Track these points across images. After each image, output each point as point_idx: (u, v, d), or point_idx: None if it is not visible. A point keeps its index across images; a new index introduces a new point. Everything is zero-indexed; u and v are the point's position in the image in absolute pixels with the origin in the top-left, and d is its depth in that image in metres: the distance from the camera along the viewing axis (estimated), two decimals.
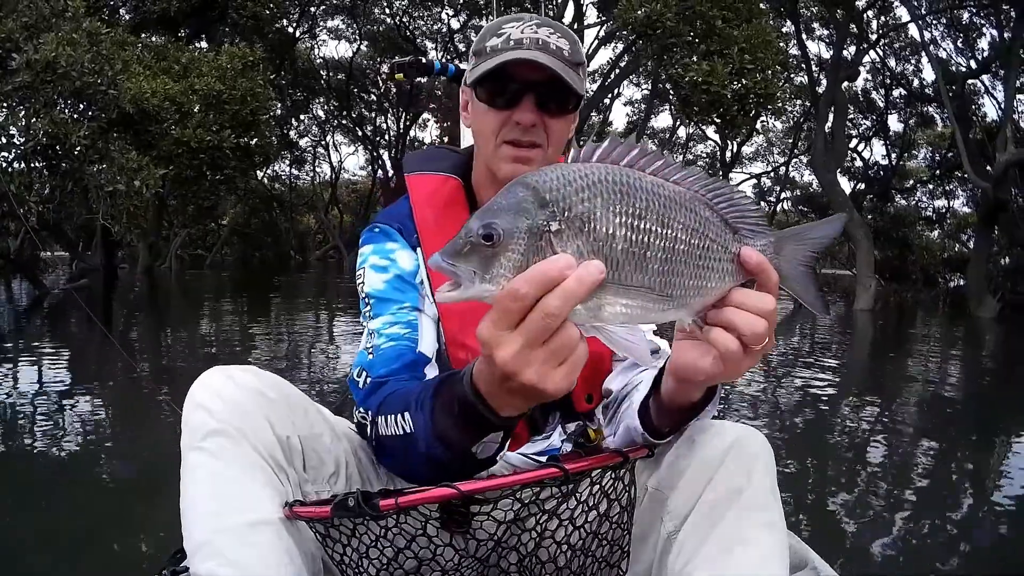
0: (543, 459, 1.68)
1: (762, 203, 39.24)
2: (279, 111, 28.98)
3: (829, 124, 26.07)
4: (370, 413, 1.53)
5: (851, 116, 34.54)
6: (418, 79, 3.10)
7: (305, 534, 1.42)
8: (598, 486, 1.49)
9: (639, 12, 16.74)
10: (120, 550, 3.95)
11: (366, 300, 1.77)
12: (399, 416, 1.43)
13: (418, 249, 1.81)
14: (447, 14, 35.92)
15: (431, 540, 1.40)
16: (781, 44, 21.27)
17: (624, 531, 1.55)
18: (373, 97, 40.51)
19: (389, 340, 1.67)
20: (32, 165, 12.13)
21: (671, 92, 21.51)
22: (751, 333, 1.18)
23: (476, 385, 1.22)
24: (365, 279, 1.79)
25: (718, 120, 18.58)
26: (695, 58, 17.16)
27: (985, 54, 28.00)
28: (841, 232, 1.27)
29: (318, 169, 46.73)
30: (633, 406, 1.58)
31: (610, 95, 36.55)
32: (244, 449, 1.37)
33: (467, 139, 3.00)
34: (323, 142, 44.17)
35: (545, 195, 1.04)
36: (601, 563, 1.56)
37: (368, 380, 1.62)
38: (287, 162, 41.28)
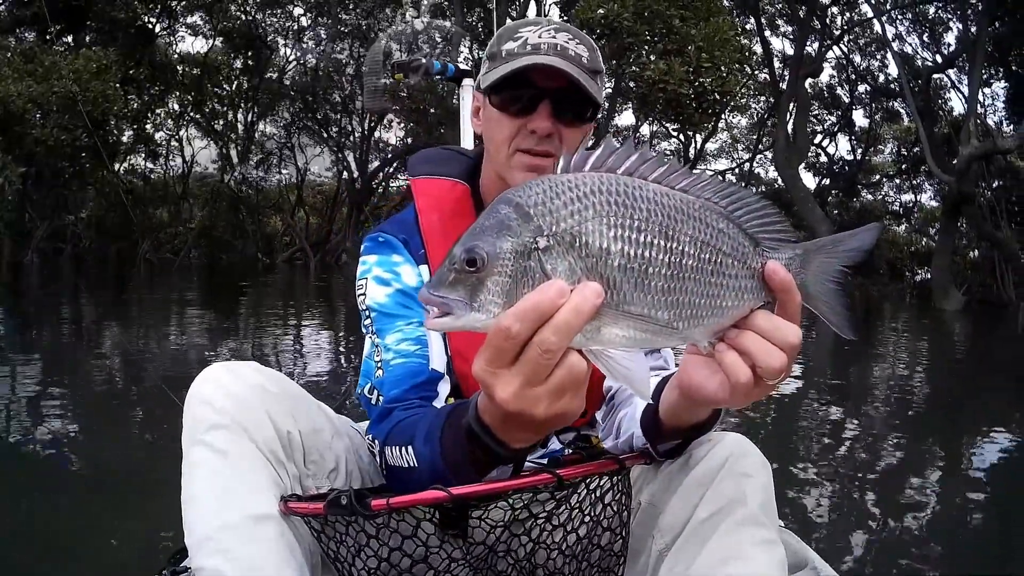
0: (543, 462, 1.65)
1: None
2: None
3: (791, 121, 26.28)
4: (378, 442, 1.52)
5: (815, 112, 34.82)
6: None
7: (305, 528, 1.41)
8: (595, 493, 1.46)
9: (598, 12, 16.90)
10: (118, 550, 3.91)
11: (367, 312, 1.72)
12: (404, 449, 1.42)
13: (423, 266, 1.74)
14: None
15: (426, 541, 1.39)
16: (744, 41, 21.43)
17: (619, 537, 1.53)
18: (338, 99, 40.33)
19: (399, 356, 1.63)
20: None
21: (633, 90, 21.62)
22: (766, 366, 1.06)
23: (483, 420, 1.19)
24: (367, 291, 1.73)
25: (677, 118, 18.66)
26: (653, 57, 17.32)
27: (951, 48, 28.35)
28: (875, 242, 1.16)
29: (284, 171, 46.31)
30: (634, 416, 1.53)
31: None
32: (245, 443, 1.36)
33: (467, 140, 2.99)
34: (288, 144, 43.83)
35: (529, 210, 0.97)
36: (596, 569, 1.54)
37: (380, 400, 1.61)
38: (253, 164, 41.00)
